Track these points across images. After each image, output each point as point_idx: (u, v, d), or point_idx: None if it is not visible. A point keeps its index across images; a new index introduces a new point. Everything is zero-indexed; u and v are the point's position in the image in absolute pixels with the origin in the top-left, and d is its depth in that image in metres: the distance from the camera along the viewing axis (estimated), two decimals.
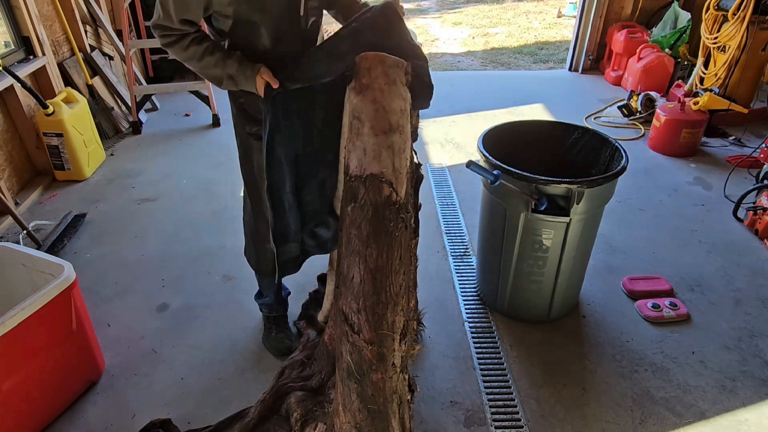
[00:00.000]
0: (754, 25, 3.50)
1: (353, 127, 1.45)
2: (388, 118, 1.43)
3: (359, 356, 1.33)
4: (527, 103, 4.53)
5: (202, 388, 1.94)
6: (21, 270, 1.89)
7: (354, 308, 1.35)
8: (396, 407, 1.40)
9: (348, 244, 1.40)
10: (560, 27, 7.51)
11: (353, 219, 1.39)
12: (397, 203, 1.39)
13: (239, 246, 2.74)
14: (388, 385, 1.36)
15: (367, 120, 1.42)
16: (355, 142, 1.43)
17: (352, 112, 1.46)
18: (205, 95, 4.12)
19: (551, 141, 2.21)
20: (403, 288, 1.40)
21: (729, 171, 3.25)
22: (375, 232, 1.36)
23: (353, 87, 1.45)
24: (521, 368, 2.01)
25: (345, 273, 1.39)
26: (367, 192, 1.38)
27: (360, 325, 1.33)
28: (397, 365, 1.36)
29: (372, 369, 1.33)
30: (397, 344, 1.36)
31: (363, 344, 1.32)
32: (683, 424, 1.80)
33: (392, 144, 1.41)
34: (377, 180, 1.38)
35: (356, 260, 1.36)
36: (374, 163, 1.39)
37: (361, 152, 1.41)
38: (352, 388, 1.36)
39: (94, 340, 1.95)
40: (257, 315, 2.26)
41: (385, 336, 1.34)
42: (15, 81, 2.94)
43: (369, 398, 1.35)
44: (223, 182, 3.32)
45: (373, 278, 1.34)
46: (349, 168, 1.43)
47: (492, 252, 2.17)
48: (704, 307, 2.29)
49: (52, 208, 3.07)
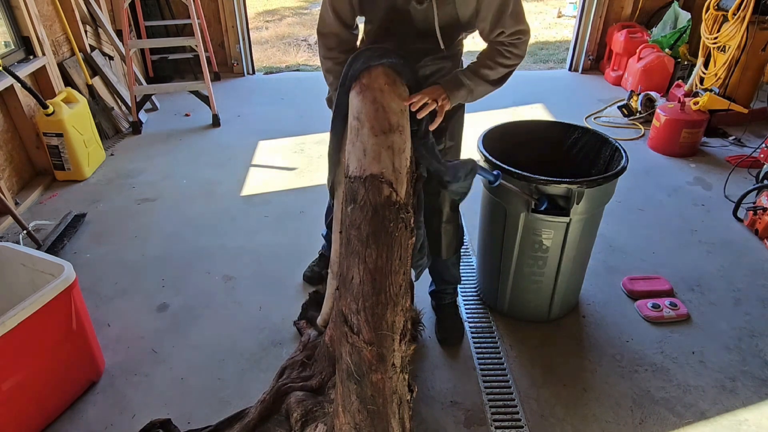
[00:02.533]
0: (754, 25, 3.50)
1: (353, 127, 1.45)
2: (388, 118, 1.42)
3: (359, 357, 1.33)
4: (527, 103, 4.53)
5: (202, 388, 1.94)
6: (21, 270, 1.89)
7: (353, 309, 1.34)
8: (396, 407, 1.39)
9: (348, 245, 1.39)
10: (560, 27, 7.51)
11: (353, 220, 1.38)
12: (397, 203, 1.38)
13: (239, 246, 2.75)
14: (388, 386, 1.35)
15: (367, 120, 1.41)
16: (354, 142, 1.42)
17: (352, 112, 1.45)
18: (205, 95, 4.12)
19: (551, 141, 2.21)
20: (403, 288, 1.40)
21: (729, 171, 3.25)
22: (375, 232, 1.36)
23: (353, 87, 1.45)
24: (521, 368, 2.01)
25: (345, 274, 1.39)
26: (367, 193, 1.37)
27: (359, 325, 1.33)
28: (397, 365, 1.36)
29: (372, 369, 1.33)
30: (397, 344, 1.36)
31: (362, 345, 1.32)
32: (683, 424, 1.80)
33: (392, 144, 1.41)
34: (377, 180, 1.38)
35: (356, 261, 1.36)
36: (374, 164, 1.39)
37: (361, 153, 1.40)
38: (352, 389, 1.35)
39: (94, 340, 1.94)
40: (257, 315, 2.26)
41: (385, 336, 1.33)
42: (15, 81, 2.94)
43: (368, 399, 1.35)
44: (223, 182, 3.32)
45: (373, 279, 1.34)
46: (349, 169, 1.43)
47: (492, 252, 2.17)
48: (704, 307, 2.29)
49: (52, 208, 3.07)
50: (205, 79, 4.01)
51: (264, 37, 7.22)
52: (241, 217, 2.96)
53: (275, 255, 2.64)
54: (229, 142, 3.87)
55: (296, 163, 3.56)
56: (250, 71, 5.32)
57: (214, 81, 4.86)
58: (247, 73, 5.29)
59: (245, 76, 5.26)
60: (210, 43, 4.93)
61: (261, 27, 7.74)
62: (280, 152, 3.71)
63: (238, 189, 3.25)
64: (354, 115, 1.47)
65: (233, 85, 5.02)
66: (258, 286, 2.44)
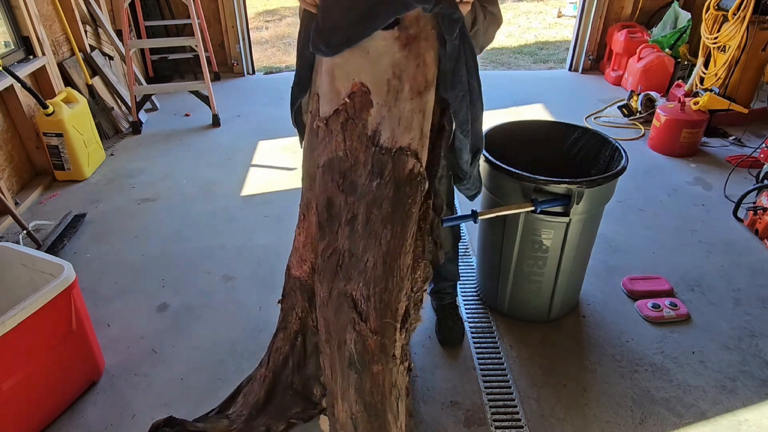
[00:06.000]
0: (754, 25, 3.50)
1: (391, 87, 1.25)
2: (425, 74, 1.26)
3: (363, 346, 1.29)
4: (527, 103, 4.53)
5: (202, 388, 1.94)
6: (21, 270, 1.89)
7: (364, 294, 1.28)
8: (394, 401, 1.36)
9: (366, 224, 1.29)
10: (560, 27, 7.51)
11: (377, 197, 1.28)
12: (419, 174, 1.28)
13: (239, 246, 2.75)
14: (388, 379, 1.32)
15: (408, 80, 1.25)
16: (391, 107, 1.26)
17: (388, 68, 1.25)
18: (205, 95, 4.12)
19: (551, 141, 2.21)
20: (409, 270, 1.33)
21: (729, 171, 3.25)
22: (393, 211, 1.27)
23: (398, 38, 1.23)
24: (521, 368, 2.01)
25: (359, 254, 1.30)
26: (394, 168, 1.27)
27: (368, 312, 1.28)
28: (397, 356, 1.33)
29: (374, 360, 1.29)
30: (398, 333, 1.31)
31: (368, 333, 1.28)
32: (683, 424, 1.80)
33: (424, 106, 1.27)
34: (404, 154, 1.27)
35: (373, 243, 1.27)
36: (405, 134, 1.26)
37: (396, 122, 1.26)
38: (352, 379, 1.32)
39: (94, 340, 1.95)
40: (257, 315, 2.26)
41: (389, 325, 1.29)
42: (15, 81, 2.94)
43: (366, 391, 1.31)
44: (223, 182, 3.32)
45: (384, 262, 1.27)
46: (380, 137, 1.28)
47: (492, 252, 2.17)
48: (704, 307, 2.29)
49: (52, 208, 3.07)
50: (205, 79, 4.01)
51: (264, 37, 7.22)
52: (240, 217, 2.96)
53: (275, 255, 2.64)
54: (229, 142, 3.87)
55: (296, 163, 3.56)
56: (250, 71, 5.32)
57: (214, 81, 4.86)
58: (247, 73, 5.29)
59: (245, 76, 5.26)
60: (210, 43, 4.93)
61: (261, 27, 7.74)
62: (280, 152, 3.71)
63: (238, 189, 3.25)
64: (393, 73, 1.26)
65: (233, 85, 5.02)
66: (258, 286, 2.44)
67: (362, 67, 1.28)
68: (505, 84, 5.01)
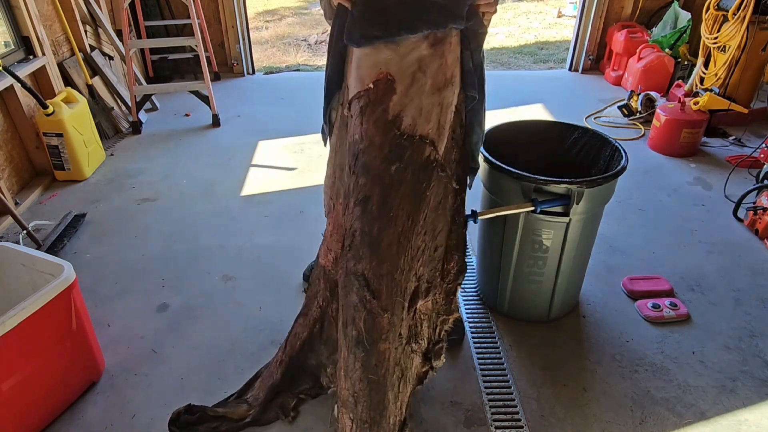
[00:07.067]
0: (754, 25, 3.50)
1: (416, 79, 1.37)
2: (445, 72, 1.39)
3: (372, 324, 1.31)
4: (527, 103, 4.53)
5: (202, 388, 1.94)
6: (21, 270, 1.89)
7: (378, 273, 1.33)
8: (396, 380, 1.39)
9: (384, 206, 1.36)
10: (560, 27, 7.51)
11: (396, 180, 1.36)
12: (435, 161, 1.37)
13: (239, 246, 2.75)
14: (392, 357, 1.35)
15: (430, 76, 1.38)
16: (414, 98, 1.38)
17: (416, 63, 1.37)
18: (205, 95, 4.12)
19: (551, 141, 2.21)
20: (420, 251, 1.38)
21: (729, 171, 3.25)
22: (410, 195, 1.35)
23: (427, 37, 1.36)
24: (521, 368, 2.01)
25: (375, 235, 1.36)
26: (412, 153, 1.36)
27: (380, 290, 1.32)
28: (403, 335, 1.35)
29: (382, 338, 1.32)
30: (405, 312, 1.35)
31: (379, 311, 1.31)
32: (683, 424, 1.80)
33: (443, 100, 1.39)
34: (422, 142, 1.37)
35: (390, 224, 1.34)
36: (425, 124, 1.37)
37: (417, 111, 1.37)
38: (358, 356, 1.34)
39: (94, 340, 1.94)
40: (257, 315, 2.26)
41: (398, 304, 1.33)
42: (15, 81, 2.94)
43: (371, 368, 1.34)
44: (223, 182, 3.32)
45: (398, 242, 1.34)
46: (403, 123, 1.37)
47: (492, 252, 2.17)
48: (704, 307, 2.29)
49: (52, 208, 3.07)
50: (205, 79, 4.01)
51: (264, 37, 7.23)
52: (241, 217, 2.96)
53: (275, 255, 2.64)
54: (229, 142, 3.87)
55: (296, 163, 3.56)
56: (250, 71, 5.32)
57: (214, 81, 4.85)
58: (247, 73, 5.29)
59: (245, 76, 5.26)
60: (210, 43, 4.93)
61: (261, 27, 7.74)
62: (280, 152, 3.71)
63: (238, 189, 3.25)
64: (419, 67, 1.38)
65: (233, 85, 5.02)
66: (258, 286, 2.44)
67: (390, 59, 1.38)
68: (505, 84, 5.01)
